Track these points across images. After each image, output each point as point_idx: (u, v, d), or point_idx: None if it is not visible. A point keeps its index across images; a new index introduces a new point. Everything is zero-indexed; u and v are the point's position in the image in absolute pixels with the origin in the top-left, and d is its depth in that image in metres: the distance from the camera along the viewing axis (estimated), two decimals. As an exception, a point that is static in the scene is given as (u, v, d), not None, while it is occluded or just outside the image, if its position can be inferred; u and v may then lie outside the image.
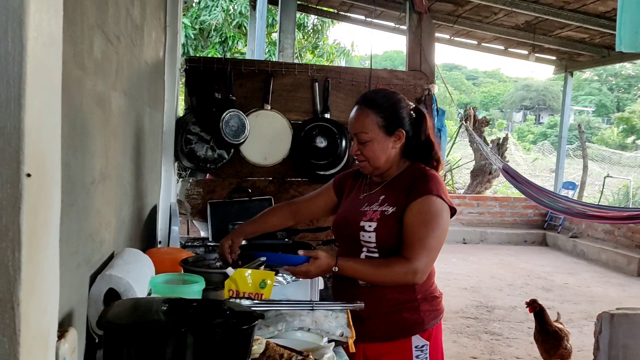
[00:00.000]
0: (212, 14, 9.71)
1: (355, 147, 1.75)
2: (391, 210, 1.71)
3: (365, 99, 1.78)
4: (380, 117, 1.71)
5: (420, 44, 3.46)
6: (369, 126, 1.71)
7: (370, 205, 1.76)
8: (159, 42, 2.43)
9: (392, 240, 1.70)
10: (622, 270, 7.08)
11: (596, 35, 6.82)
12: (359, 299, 1.66)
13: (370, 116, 1.72)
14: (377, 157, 1.74)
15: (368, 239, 1.72)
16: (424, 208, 1.66)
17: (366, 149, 1.73)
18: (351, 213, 1.81)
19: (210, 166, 3.17)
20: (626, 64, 26.20)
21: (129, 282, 1.29)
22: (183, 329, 1.02)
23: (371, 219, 1.72)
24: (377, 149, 1.73)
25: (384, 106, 1.73)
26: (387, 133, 1.73)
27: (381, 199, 1.75)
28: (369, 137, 1.72)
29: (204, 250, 2.69)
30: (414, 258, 1.64)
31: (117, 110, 1.53)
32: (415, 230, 1.65)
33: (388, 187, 1.78)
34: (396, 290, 1.73)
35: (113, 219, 1.52)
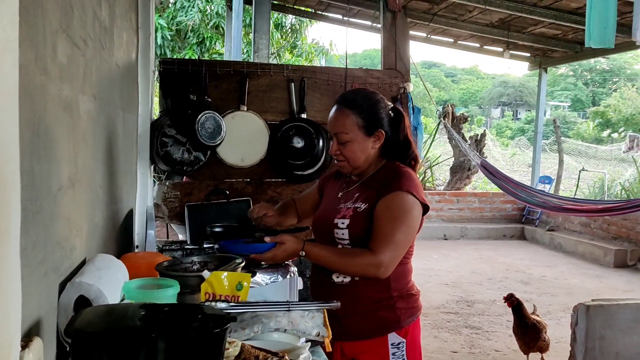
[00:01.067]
0: (188, 14, 9.63)
1: (335, 147, 1.77)
2: (364, 206, 1.73)
3: (344, 99, 1.78)
4: (360, 118, 1.72)
5: (395, 42, 3.48)
6: (348, 127, 1.72)
7: (345, 203, 1.78)
8: (130, 44, 2.40)
9: (365, 236, 1.71)
10: (599, 262, 7.21)
11: (569, 31, 6.93)
12: (336, 297, 1.67)
13: (350, 117, 1.72)
14: (356, 158, 1.75)
15: (342, 235, 1.74)
16: (393, 203, 1.69)
17: (346, 149, 1.74)
18: (328, 211, 1.84)
19: (186, 169, 3.14)
20: (601, 59, 26.68)
21: (100, 288, 1.28)
22: (153, 334, 1.01)
23: (344, 215, 1.74)
24: (357, 150, 1.74)
25: (363, 107, 1.74)
26: (367, 134, 1.74)
27: (356, 197, 1.78)
28: (348, 137, 1.73)
29: (182, 254, 2.67)
30: (379, 252, 1.66)
31: (86, 115, 1.51)
32: (383, 225, 1.67)
33: (363, 185, 1.80)
34: (372, 289, 1.74)
35: (84, 225, 1.50)
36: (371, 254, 1.67)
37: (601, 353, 3.25)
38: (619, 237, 7.51)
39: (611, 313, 3.28)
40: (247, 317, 1.62)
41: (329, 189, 1.97)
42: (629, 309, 3.30)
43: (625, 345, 3.26)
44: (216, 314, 1.15)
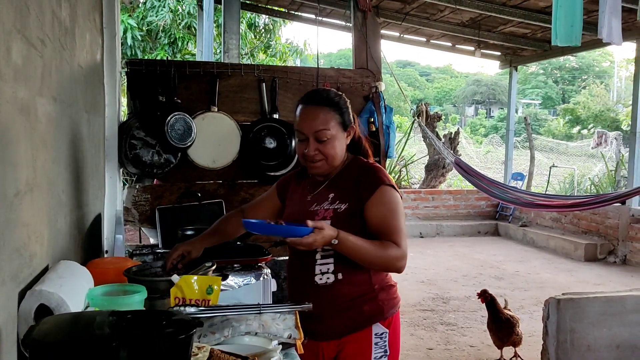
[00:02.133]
0: (159, 14, 9.50)
1: (313, 146, 1.72)
2: (344, 207, 1.72)
3: (317, 97, 1.77)
4: (337, 114, 1.73)
5: (366, 42, 3.48)
6: (330, 123, 1.71)
7: (320, 205, 1.75)
8: (95, 44, 2.35)
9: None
10: (570, 256, 7.35)
11: (537, 30, 7.05)
12: (319, 298, 1.69)
13: (330, 113, 1.72)
14: (336, 155, 1.74)
15: None
16: (385, 198, 1.70)
17: (327, 147, 1.72)
18: (300, 214, 1.78)
19: (157, 171, 3.09)
20: (570, 57, 27.23)
21: (62, 296, 1.24)
22: (115, 343, 0.98)
23: (324, 217, 1.72)
24: (337, 147, 1.73)
25: (339, 104, 1.75)
26: (343, 129, 1.75)
27: (331, 197, 1.75)
28: (330, 134, 1.71)
29: (153, 258, 2.63)
30: (400, 245, 1.67)
31: (45, 117, 1.47)
32: (388, 221, 1.68)
33: (333, 184, 1.79)
34: (355, 285, 1.75)
35: (45, 231, 1.46)
36: (397, 247, 1.67)
37: (572, 346, 3.30)
38: (589, 231, 7.67)
39: (581, 306, 3.33)
40: (217, 321, 1.59)
41: (292, 192, 1.92)
42: (598, 302, 3.36)
43: (595, 337, 3.32)
44: (182, 319, 1.12)
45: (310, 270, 1.77)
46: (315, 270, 1.76)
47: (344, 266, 1.74)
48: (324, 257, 1.75)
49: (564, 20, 3.39)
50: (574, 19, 3.52)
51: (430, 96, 34.31)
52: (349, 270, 1.74)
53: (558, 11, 3.42)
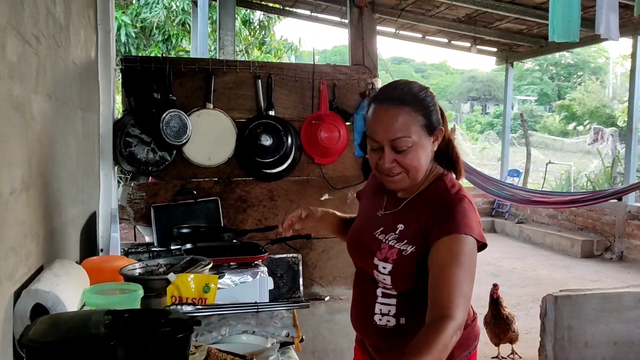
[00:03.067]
0: (153, 11, 9.45)
1: (390, 158, 1.38)
2: (410, 249, 1.40)
3: (393, 94, 1.40)
4: (421, 115, 1.38)
5: (362, 38, 3.47)
6: (412, 128, 1.36)
7: (385, 235, 1.46)
8: (89, 41, 2.33)
9: (409, 283, 1.42)
10: (566, 253, 7.37)
11: (533, 26, 7.05)
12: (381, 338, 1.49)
13: (411, 114, 1.37)
14: (420, 167, 1.40)
15: (383, 280, 1.44)
16: (453, 247, 1.33)
17: (407, 158, 1.38)
18: (366, 235, 1.52)
19: (152, 169, 3.07)
20: (566, 53, 27.26)
21: (58, 295, 1.23)
22: (112, 342, 0.97)
23: (386, 258, 1.43)
24: (421, 156, 1.39)
25: (424, 100, 1.40)
26: (429, 133, 1.40)
27: (399, 230, 1.45)
28: (411, 141, 1.36)
29: (148, 256, 2.62)
30: (452, 309, 1.25)
31: (40, 115, 1.45)
32: (447, 275, 1.30)
33: (408, 210, 1.47)
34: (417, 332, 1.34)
35: (41, 230, 1.45)
36: (446, 320, 1.23)
37: (570, 343, 3.31)
38: (586, 228, 7.69)
39: (578, 303, 3.34)
40: (215, 320, 1.59)
41: (366, 200, 1.65)
42: (595, 298, 3.37)
43: (593, 334, 3.33)
44: (179, 318, 1.12)
45: (369, 306, 1.50)
46: (375, 309, 1.49)
47: (409, 311, 1.44)
48: (385, 295, 1.48)
49: (562, 16, 3.39)
50: (571, 15, 3.52)
51: (425, 93, 34.24)
52: (413, 315, 1.43)
53: (555, 7, 3.43)
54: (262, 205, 3.32)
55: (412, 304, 1.43)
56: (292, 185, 3.37)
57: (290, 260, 3.24)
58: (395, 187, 1.46)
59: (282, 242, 3.02)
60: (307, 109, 3.36)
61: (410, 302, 1.44)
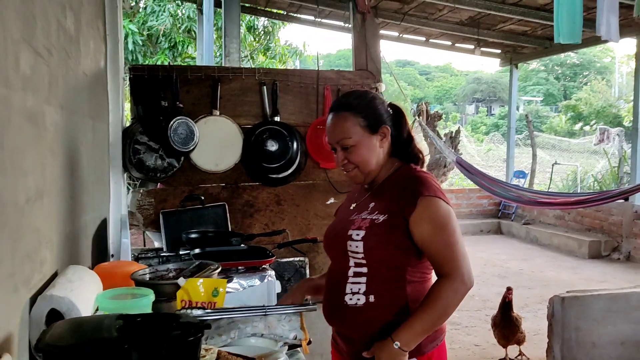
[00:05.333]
0: (159, 19, 9.54)
1: (341, 156, 1.62)
2: (382, 218, 1.56)
3: (338, 103, 1.66)
4: (360, 117, 1.59)
5: (365, 43, 3.50)
6: (350, 129, 1.59)
7: (359, 214, 1.63)
8: (98, 52, 2.38)
9: (380, 250, 1.55)
10: (574, 254, 7.35)
11: (537, 27, 7.06)
12: (350, 320, 1.59)
13: (350, 118, 1.59)
14: (366, 161, 1.61)
15: (355, 248, 1.56)
16: (428, 213, 1.52)
17: (353, 155, 1.60)
18: (340, 223, 1.69)
19: (160, 175, 3.12)
20: (571, 54, 27.21)
21: (72, 301, 1.26)
22: (126, 346, 1.00)
23: (359, 227, 1.58)
24: (365, 151, 1.60)
25: (360, 105, 1.61)
26: (371, 132, 1.60)
27: (371, 207, 1.62)
28: (352, 141, 1.59)
29: (158, 262, 2.65)
30: (454, 267, 1.50)
31: (52, 125, 1.49)
32: (436, 239, 1.51)
33: (377, 193, 1.66)
34: (389, 311, 1.55)
35: (55, 237, 1.49)
36: (449, 279, 1.50)
37: (577, 343, 3.32)
38: (593, 228, 7.67)
39: (586, 304, 3.35)
40: (224, 324, 1.62)
41: (343, 205, 1.82)
42: (602, 299, 3.37)
43: (600, 335, 3.33)
44: (190, 322, 1.15)
45: (341, 289, 1.61)
46: (346, 289, 1.59)
47: (378, 287, 1.56)
48: (357, 274, 1.59)
49: (567, 18, 3.40)
50: (574, 16, 3.54)
51: (430, 95, 34.30)
52: (381, 293, 1.55)
53: (560, 9, 3.44)
54: (269, 209, 3.36)
55: (381, 283, 1.56)
56: (298, 190, 3.40)
57: (297, 264, 3.27)
58: (354, 180, 1.68)
59: (289, 245, 3.06)
60: (312, 114, 3.40)
61: (378, 281, 1.56)
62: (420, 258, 1.57)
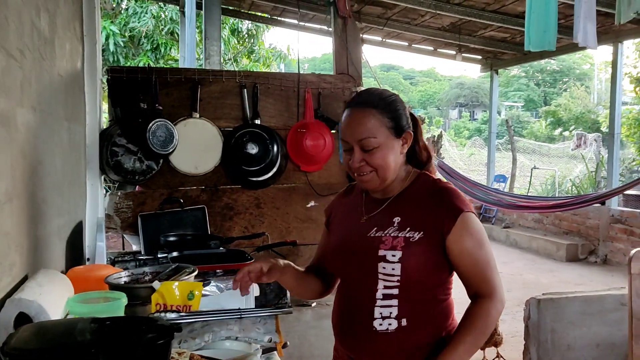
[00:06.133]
0: (141, 20, 9.47)
1: (359, 157, 1.44)
2: (417, 235, 1.41)
3: (362, 98, 1.49)
4: (387, 118, 1.45)
5: (346, 47, 3.52)
6: (377, 129, 1.43)
7: (383, 230, 1.45)
8: (75, 53, 2.36)
9: (419, 272, 1.42)
10: (552, 257, 7.44)
11: (516, 34, 7.15)
12: (381, 348, 1.44)
13: (376, 117, 1.44)
14: (388, 165, 1.45)
15: (391, 271, 1.40)
16: (470, 229, 1.42)
17: (374, 157, 1.43)
18: (357, 240, 1.49)
19: (138, 178, 3.10)
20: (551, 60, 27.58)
21: (41, 304, 1.25)
22: (93, 350, 1.00)
23: (393, 246, 1.41)
24: (388, 156, 1.44)
25: (386, 105, 1.46)
26: (397, 135, 1.46)
27: (397, 222, 1.45)
28: (377, 142, 1.43)
29: (135, 265, 2.63)
30: (493, 287, 1.42)
31: (24, 127, 1.48)
32: (477, 257, 1.42)
33: (398, 205, 1.49)
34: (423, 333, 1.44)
35: (25, 240, 1.47)
36: (489, 299, 1.41)
37: (553, 345, 3.36)
38: (570, 232, 7.78)
39: (561, 306, 3.39)
40: (198, 327, 1.61)
41: (340, 215, 1.62)
42: (577, 301, 3.42)
43: (575, 337, 3.38)
44: (160, 324, 1.14)
45: (367, 313, 1.44)
46: (374, 313, 1.43)
47: (410, 309, 1.43)
48: (387, 297, 1.43)
49: (536, 26, 3.46)
50: (547, 25, 3.58)
51: (414, 99, 34.51)
52: (414, 315, 1.43)
53: (531, 17, 3.49)
54: (249, 212, 3.35)
55: (414, 304, 1.42)
56: (278, 193, 3.40)
57: (277, 267, 3.26)
58: (367, 186, 1.49)
59: (269, 248, 3.06)
60: (293, 118, 3.41)
61: (411, 302, 1.42)
62: (450, 275, 1.48)
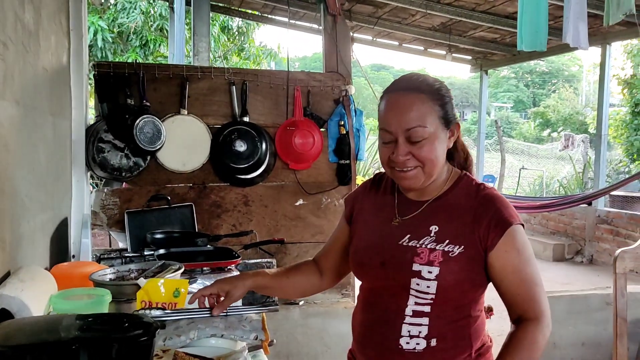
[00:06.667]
0: (130, 16, 9.40)
1: (404, 149, 1.25)
2: (457, 250, 1.27)
3: (407, 83, 1.30)
4: (438, 105, 1.27)
5: (336, 45, 3.51)
6: (429, 117, 1.25)
7: (418, 240, 1.30)
8: (61, 47, 2.33)
9: (456, 290, 1.28)
10: (538, 256, 7.50)
11: (506, 35, 7.18)
12: None
13: (427, 103, 1.25)
14: (436, 160, 1.27)
15: (425, 288, 1.27)
16: (518, 244, 1.28)
17: (423, 150, 1.25)
18: (387, 248, 1.33)
19: (125, 175, 3.07)
20: (540, 62, 27.78)
21: (23, 301, 1.24)
22: (74, 346, 0.98)
23: (430, 262, 1.26)
24: (437, 149, 1.27)
25: (436, 91, 1.28)
26: (445, 125, 1.29)
27: (435, 232, 1.29)
28: (427, 132, 1.24)
29: (121, 262, 2.60)
30: (541, 309, 1.27)
31: (7, 121, 1.45)
32: (523, 275, 1.27)
33: (437, 210, 1.33)
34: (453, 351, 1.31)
35: (7, 236, 1.45)
36: (538, 322, 1.26)
37: (539, 344, 3.38)
38: (557, 232, 7.84)
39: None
40: (183, 324, 1.60)
41: (364, 212, 1.43)
42: (564, 300, 3.45)
43: (562, 336, 3.41)
44: (144, 321, 1.13)
45: (394, 329, 1.31)
46: (402, 331, 1.30)
47: (441, 328, 1.29)
48: (417, 314, 1.29)
49: (529, 26, 3.47)
50: (538, 25, 3.61)
51: (404, 99, 34.53)
52: (445, 334, 1.30)
53: (523, 17, 3.51)
54: (237, 210, 3.33)
55: (445, 323, 1.29)
56: (266, 191, 3.39)
57: (265, 265, 3.24)
58: (408, 184, 1.30)
59: (256, 246, 3.05)
60: (282, 115, 3.39)
61: (442, 321, 1.29)
62: (484, 290, 1.35)
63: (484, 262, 1.28)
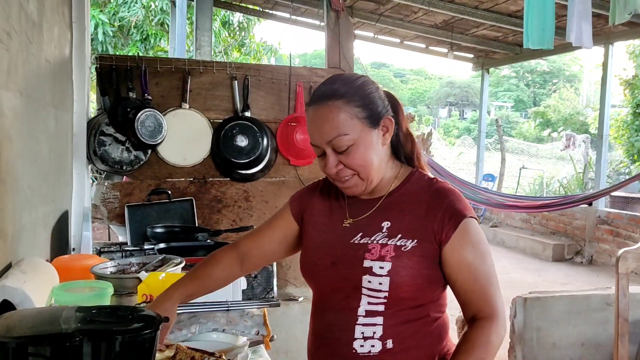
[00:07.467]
0: (131, 10, 9.37)
1: (333, 160, 1.22)
2: (410, 244, 1.22)
3: (322, 91, 1.23)
4: (356, 107, 1.21)
5: (338, 41, 3.50)
6: (346, 123, 1.20)
7: (369, 237, 1.26)
8: (63, 39, 2.32)
9: (410, 287, 1.22)
10: (538, 256, 7.50)
11: (509, 33, 7.18)
12: None
13: (344, 109, 1.20)
14: (369, 164, 1.23)
15: (378, 286, 1.21)
16: (472, 237, 1.23)
17: (351, 157, 1.21)
18: (338, 247, 1.29)
19: (126, 168, 3.06)
20: (541, 61, 27.78)
21: (25, 292, 1.23)
22: (78, 338, 0.97)
23: (381, 257, 1.22)
24: (366, 152, 1.22)
25: (353, 91, 1.22)
26: (372, 125, 1.23)
27: (387, 227, 1.25)
28: (350, 139, 1.20)
29: (121, 256, 2.60)
30: (496, 308, 1.20)
31: (10, 112, 1.44)
32: (477, 271, 1.22)
33: (388, 207, 1.28)
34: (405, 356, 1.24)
35: (9, 227, 1.44)
36: (491, 321, 1.18)
37: (538, 344, 3.38)
38: (557, 232, 7.84)
39: (547, 305, 3.41)
40: (185, 318, 1.59)
41: (315, 213, 1.39)
42: (563, 300, 3.44)
43: (561, 336, 3.40)
44: (147, 315, 1.12)
45: (347, 333, 1.25)
46: (355, 333, 1.24)
47: (397, 329, 1.23)
48: (370, 314, 1.24)
49: (536, 23, 3.46)
50: (545, 23, 3.60)
51: (404, 97, 34.56)
52: (401, 336, 1.24)
53: (530, 14, 3.50)
54: (237, 205, 3.33)
55: (400, 323, 1.24)
56: (267, 186, 3.38)
57: (264, 261, 3.24)
58: (351, 192, 1.28)
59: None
60: (284, 111, 3.38)
61: (398, 321, 1.24)
62: (444, 289, 1.29)
63: (439, 257, 1.24)
